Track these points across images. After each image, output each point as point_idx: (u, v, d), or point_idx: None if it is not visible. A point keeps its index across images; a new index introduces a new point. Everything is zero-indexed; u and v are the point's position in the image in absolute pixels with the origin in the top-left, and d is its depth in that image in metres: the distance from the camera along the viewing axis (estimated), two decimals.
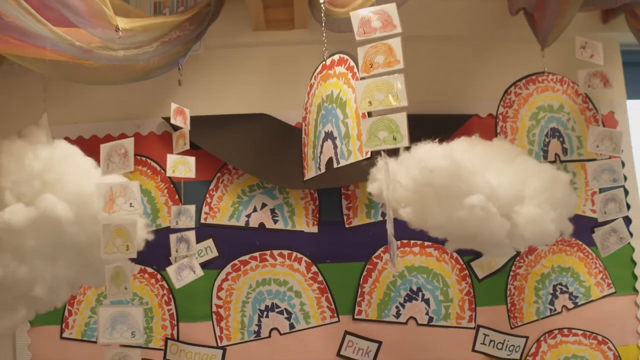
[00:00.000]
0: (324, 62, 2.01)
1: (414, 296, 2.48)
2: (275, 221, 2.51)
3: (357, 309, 2.46)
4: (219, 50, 2.57)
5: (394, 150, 1.50)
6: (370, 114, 1.47)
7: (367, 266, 2.48)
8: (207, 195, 2.50)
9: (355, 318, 2.46)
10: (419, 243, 2.49)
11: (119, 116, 2.55)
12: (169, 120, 2.11)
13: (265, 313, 2.46)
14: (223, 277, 2.46)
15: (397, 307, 2.47)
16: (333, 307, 2.47)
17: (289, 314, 2.46)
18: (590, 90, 2.10)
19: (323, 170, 1.96)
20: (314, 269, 2.48)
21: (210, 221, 2.49)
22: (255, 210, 2.51)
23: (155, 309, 2.44)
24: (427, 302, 2.48)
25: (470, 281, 2.50)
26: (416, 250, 2.49)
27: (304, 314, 2.46)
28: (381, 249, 2.49)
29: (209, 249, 2.47)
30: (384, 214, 2.47)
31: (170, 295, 2.44)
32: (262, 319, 2.45)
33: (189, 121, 2.12)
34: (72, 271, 1.73)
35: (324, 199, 2.52)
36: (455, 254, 2.50)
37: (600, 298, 2.53)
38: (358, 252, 2.49)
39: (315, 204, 2.52)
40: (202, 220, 2.47)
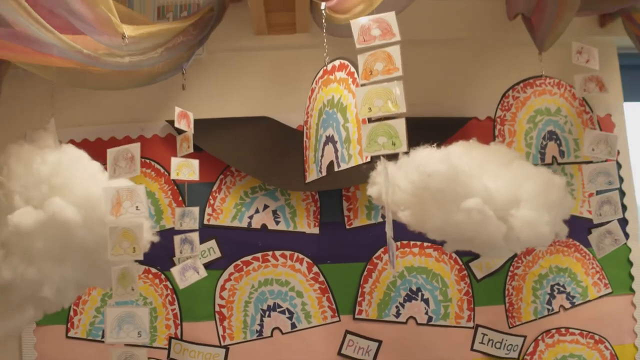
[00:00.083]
0: (325, 68, 2.04)
1: (414, 296, 2.51)
2: (277, 222, 2.54)
3: (358, 308, 2.50)
4: (222, 54, 2.60)
5: (393, 154, 1.53)
6: (370, 120, 1.50)
7: (368, 266, 2.52)
8: (210, 197, 2.54)
9: (356, 318, 2.49)
10: (418, 244, 2.52)
11: (123, 119, 2.58)
12: (173, 123, 2.14)
13: (267, 313, 2.49)
14: (226, 278, 2.49)
15: (397, 307, 2.51)
16: (334, 307, 2.50)
17: (291, 313, 2.49)
18: (587, 94, 2.13)
19: (324, 173, 2.00)
20: (315, 269, 2.51)
21: (213, 222, 2.52)
22: (257, 211, 2.54)
23: (159, 309, 2.47)
24: (427, 302, 2.51)
25: (469, 281, 2.53)
26: (416, 250, 2.52)
27: (306, 313, 2.49)
28: (381, 250, 2.52)
29: (212, 250, 2.50)
30: (384, 216, 2.50)
31: (174, 295, 2.48)
32: (264, 319, 2.49)
33: (192, 125, 2.16)
34: (79, 272, 1.77)
35: (325, 201, 2.55)
36: (454, 255, 2.53)
37: (597, 298, 2.56)
38: (358, 253, 2.52)
39: (317, 206, 2.55)
40: (205, 222, 2.51)
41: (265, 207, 2.55)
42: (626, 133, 2.67)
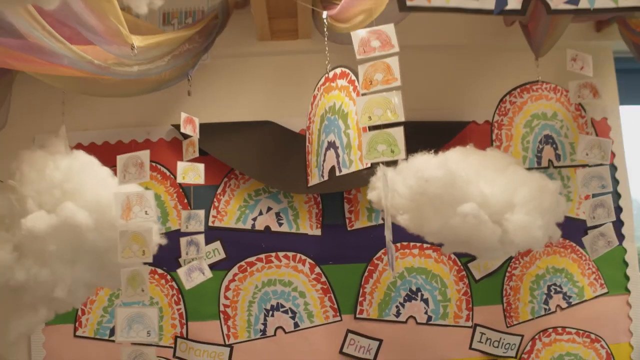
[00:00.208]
0: (326, 75, 2.09)
1: (414, 296, 2.56)
2: (280, 224, 2.59)
3: (359, 308, 2.55)
4: (226, 60, 2.65)
5: (392, 161, 1.57)
6: (370, 128, 1.55)
7: (369, 267, 2.57)
8: (215, 199, 2.59)
9: (357, 317, 2.54)
10: (418, 245, 2.57)
11: (129, 123, 2.64)
12: (178, 127, 2.18)
13: (270, 312, 2.54)
14: (230, 278, 2.55)
15: (397, 307, 2.55)
16: (336, 307, 2.55)
17: (294, 313, 2.54)
18: (580, 100, 2.17)
19: (326, 177, 2.05)
20: (318, 270, 2.56)
21: (218, 224, 2.57)
22: (261, 213, 2.59)
23: (165, 309, 2.52)
24: (426, 302, 2.56)
25: (467, 282, 2.58)
26: (415, 252, 2.57)
27: (308, 313, 2.55)
28: (382, 251, 2.57)
29: (216, 251, 2.56)
30: (385, 219, 2.55)
31: (180, 296, 2.53)
32: (268, 318, 2.54)
33: (198, 130, 2.20)
34: (90, 274, 1.82)
35: (327, 203, 2.61)
36: (453, 256, 2.58)
37: (593, 298, 2.60)
38: (360, 254, 2.57)
39: (319, 208, 2.60)
40: (210, 224, 2.56)
41: (269, 210, 2.60)
42: (622, 136, 2.71)
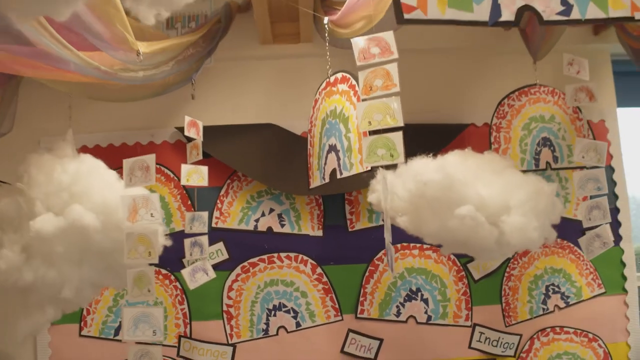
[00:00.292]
0: (328, 80, 2.13)
1: (414, 296, 2.60)
2: (282, 225, 2.63)
3: (360, 308, 2.58)
4: (229, 63, 2.69)
5: (391, 164, 1.61)
6: (370, 133, 1.59)
7: (369, 268, 2.60)
8: (218, 201, 2.62)
9: (358, 317, 2.58)
10: (418, 246, 2.60)
11: (134, 126, 2.67)
12: (182, 130, 2.21)
13: (273, 312, 2.58)
14: (233, 278, 2.58)
15: (398, 307, 2.59)
16: (337, 307, 2.59)
17: (296, 313, 2.58)
18: (577, 104, 2.20)
19: (327, 180, 2.09)
20: (319, 270, 2.60)
21: (221, 225, 2.61)
22: (263, 215, 2.63)
23: (169, 309, 2.56)
24: (426, 302, 2.59)
25: (466, 282, 2.62)
26: (415, 252, 2.61)
27: (310, 313, 2.58)
28: (382, 252, 2.60)
29: (219, 252, 2.59)
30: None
31: (184, 295, 2.56)
32: (270, 318, 2.58)
33: (201, 133, 2.23)
34: (96, 274, 1.86)
35: (329, 205, 2.64)
36: (452, 256, 2.61)
37: (591, 298, 2.64)
38: (360, 255, 2.61)
39: (320, 209, 2.64)
40: (214, 225, 2.59)
41: (271, 211, 2.63)
42: (619, 138, 2.74)
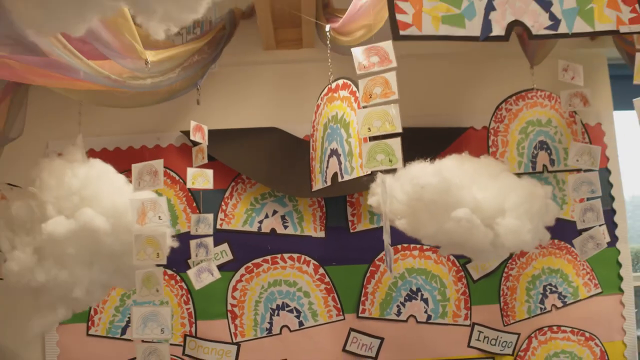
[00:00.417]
0: (329, 86, 2.18)
1: (414, 296, 2.65)
2: (285, 227, 2.68)
3: (361, 307, 2.64)
4: (233, 68, 2.74)
5: (390, 169, 1.66)
6: (370, 139, 1.64)
7: (371, 268, 2.66)
8: (223, 203, 2.68)
9: (360, 316, 2.63)
10: (418, 247, 2.65)
11: (140, 129, 2.73)
12: (187, 133, 2.26)
13: (276, 311, 2.64)
14: (237, 279, 2.64)
15: (398, 306, 2.64)
16: (339, 306, 2.64)
17: (299, 312, 2.64)
18: (572, 109, 2.25)
19: (329, 183, 2.14)
20: (321, 270, 2.66)
21: (225, 227, 2.67)
22: (267, 216, 2.69)
23: (175, 308, 2.61)
24: (426, 302, 2.65)
25: (465, 282, 2.67)
26: (416, 253, 2.66)
27: (312, 312, 2.64)
28: (383, 253, 2.60)
29: (224, 253, 2.65)
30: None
31: (189, 295, 2.62)
32: (274, 317, 2.63)
33: (207, 137, 2.29)
34: (106, 275, 1.92)
35: (331, 206, 2.70)
36: (451, 257, 2.66)
37: (588, 297, 2.68)
38: (362, 255, 2.66)
39: (323, 211, 2.70)
40: (218, 226, 2.65)
41: (275, 213, 2.69)
42: (616, 141, 2.79)
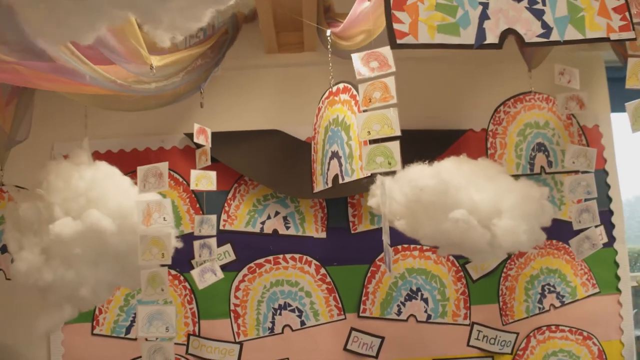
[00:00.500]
0: (330, 89, 2.22)
1: (414, 296, 2.69)
2: (287, 228, 2.72)
3: (362, 307, 2.67)
4: (236, 72, 2.77)
5: (390, 171, 1.70)
6: (369, 142, 1.68)
7: (371, 268, 2.69)
8: (226, 204, 2.72)
9: (360, 316, 2.67)
10: (418, 247, 2.68)
11: (144, 132, 2.77)
12: (191, 136, 2.31)
13: (278, 311, 2.67)
14: (240, 279, 2.68)
15: (399, 306, 2.68)
16: (340, 306, 2.68)
17: (300, 312, 2.67)
18: (568, 112, 2.29)
19: (330, 185, 2.18)
20: (323, 271, 2.69)
21: (228, 228, 2.71)
22: (269, 217, 2.73)
23: (178, 308, 2.64)
24: (426, 301, 2.68)
25: (465, 282, 2.70)
26: (416, 254, 2.70)
27: (314, 312, 2.67)
28: (384, 253, 2.68)
29: (227, 253, 2.69)
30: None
31: (192, 295, 2.66)
32: (276, 317, 2.67)
33: (210, 139, 2.33)
34: (112, 275, 1.96)
35: (332, 208, 2.74)
36: (451, 257, 2.70)
37: (586, 297, 2.72)
38: (363, 256, 2.70)
39: (324, 212, 2.73)
40: (221, 227, 2.69)
41: (277, 214, 2.73)
42: (613, 142, 2.82)
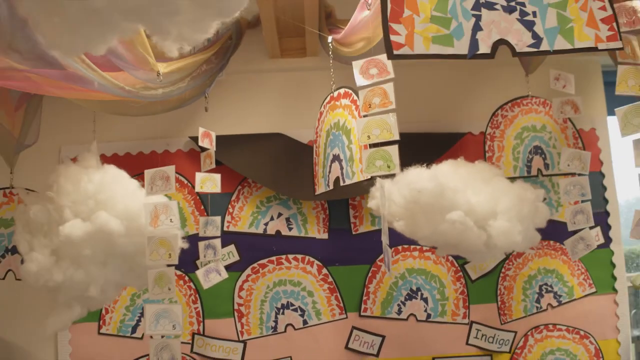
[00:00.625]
0: (331, 94, 2.28)
1: (414, 295, 2.74)
2: (290, 229, 2.78)
3: (363, 306, 2.72)
4: (239, 76, 2.83)
5: (389, 174, 1.76)
6: (369, 146, 1.74)
7: (372, 268, 2.75)
8: (229, 206, 2.77)
9: (362, 315, 2.72)
10: (418, 248, 2.73)
11: (150, 135, 2.80)
12: (195, 139, 2.36)
13: (281, 310, 2.73)
14: (244, 279, 2.73)
15: (399, 305, 2.73)
16: (341, 305, 2.73)
17: (303, 311, 2.73)
18: (563, 116, 2.34)
19: (331, 187, 2.24)
20: (325, 271, 2.75)
21: (232, 229, 2.76)
22: (272, 219, 2.78)
23: (183, 307, 2.69)
24: (426, 301, 2.73)
25: (464, 282, 2.75)
26: (415, 254, 2.75)
27: (316, 311, 2.73)
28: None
29: (231, 254, 2.74)
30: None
31: (197, 295, 2.71)
32: (279, 316, 2.72)
33: (214, 143, 2.38)
34: (120, 275, 2.02)
35: (334, 209, 2.79)
36: (450, 258, 2.75)
37: (583, 297, 2.77)
38: (364, 256, 2.75)
39: (326, 214, 2.79)
40: (225, 228, 2.74)
41: (279, 215, 2.78)
42: (609, 145, 2.87)
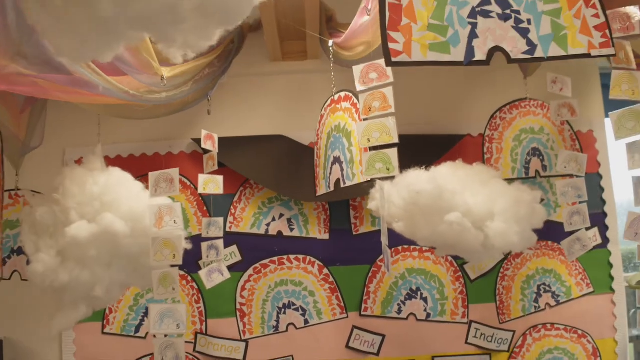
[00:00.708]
0: (332, 97, 2.32)
1: (414, 295, 2.77)
2: (291, 229, 2.81)
3: (364, 306, 2.76)
4: (241, 79, 2.86)
5: (388, 177, 1.79)
6: (369, 149, 1.77)
7: (372, 269, 2.78)
8: (232, 207, 2.81)
9: (362, 314, 2.76)
10: (417, 248, 2.77)
11: (153, 137, 2.85)
12: (198, 141, 2.39)
13: (283, 310, 2.76)
14: (246, 279, 2.77)
15: (399, 305, 2.76)
16: (342, 305, 2.76)
17: (304, 310, 2.76)
18: (560, 119, 2.37)
19: (332, 188, 2.27)
20: (326, 271, 2.78)
21: (234, 230, 2.80)
22: (274, 219, 2.82)
23: (186, 307, 2.71)
24: (425, 300, 2.77)
25: (463, 281, 2.78)
26: (415, 254, 2.78)
27: (317, 310, 2.76)
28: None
29: (233, 254, 2.78)
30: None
31: (200, 295, 2.75)
32: (280, 315, 2.76)
33: (217, 145, 2.41)
34: (124, 275, 2.06)
35: (334, 210, 2.82)
36: (450, 258, 2.78)
37: (580, 297, 2.80)
38: (364, 256, 2.78)
39: (327, 214, 2.82)
40: (227, 229, 2.78)
41: (281, 216, 2.82)
42: (607, 147, 2.90)
